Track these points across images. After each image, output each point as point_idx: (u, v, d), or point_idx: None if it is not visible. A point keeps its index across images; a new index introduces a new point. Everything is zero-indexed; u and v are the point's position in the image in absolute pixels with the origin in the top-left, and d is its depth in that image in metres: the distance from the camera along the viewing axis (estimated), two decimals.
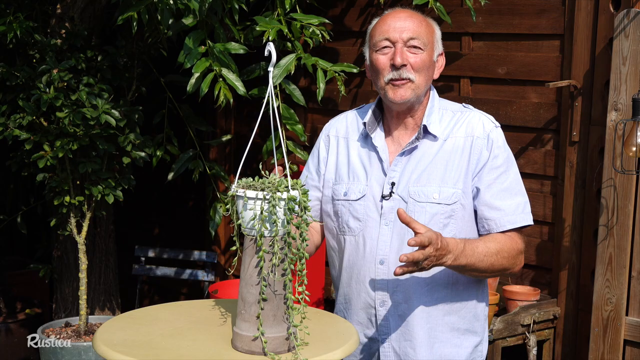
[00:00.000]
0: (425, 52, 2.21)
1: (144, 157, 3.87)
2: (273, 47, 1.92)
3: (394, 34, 2.20)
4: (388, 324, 2.25)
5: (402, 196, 2.22)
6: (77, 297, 4.01)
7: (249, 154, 2.15)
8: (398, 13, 2.25)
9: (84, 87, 3.62)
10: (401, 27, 2.20)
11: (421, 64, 2.20)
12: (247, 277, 1.86)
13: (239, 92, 3.49)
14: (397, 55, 2.18)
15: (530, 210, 2.26)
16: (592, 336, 3.25)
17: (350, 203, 2.28)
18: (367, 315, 2.28)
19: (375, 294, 2.25)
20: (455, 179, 2.20)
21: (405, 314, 2.23)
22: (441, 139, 2.24)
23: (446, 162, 2.22)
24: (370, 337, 2.29)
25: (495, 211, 2.21)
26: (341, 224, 2.31)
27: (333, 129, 2.41)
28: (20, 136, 3.64)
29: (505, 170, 2.23)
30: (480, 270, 2.18)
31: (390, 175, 2.25)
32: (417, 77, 2.20)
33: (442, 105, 2.32)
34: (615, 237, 3.17)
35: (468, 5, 3.47)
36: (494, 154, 2.22)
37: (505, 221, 2.21)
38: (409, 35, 2.19)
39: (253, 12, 3.91)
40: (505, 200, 2.21)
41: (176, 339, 1.92)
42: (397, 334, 2.25)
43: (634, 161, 3.11)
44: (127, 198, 4.03)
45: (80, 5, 3.84)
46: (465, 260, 2.11)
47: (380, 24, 2.25)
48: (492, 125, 2.27)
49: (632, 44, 3.09)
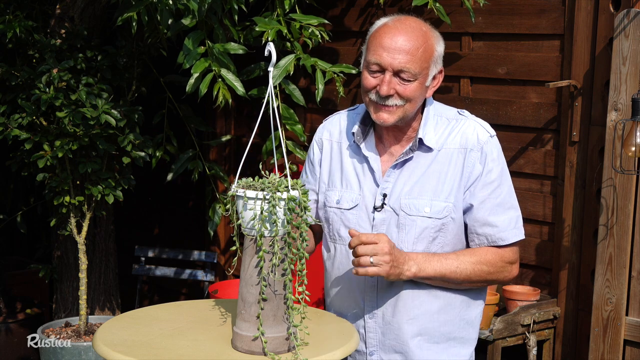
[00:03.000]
0: (416, 82, 2.12)
1: (143, 157, 3.86)
2: (273, 47, 1.92)
3: (386, 60, 2.10)
4: (376, 336, 2.23)
5: (393, 208, 2.19)
6: (77, 297, 4.01)
7: (249, 154, 2.15)
8: (397, 30, 2.12)
9: (84, 87, 3.62)
10: (394, 51, 2.10)
11: (409, 94, 2.12)
12: (247, 277, 1.86)
13: (238, 92, 3.49)
14: (384, 85, 2.11)
15: (522, 224, 2.23)
16: (592, 336, 3.25)
17: (342, 212, 2.25)
18: (356, 326, 2.24)
19: (365, 305, 2.22)
20: (447, 192, 2.17)
21: (394, 326, 2.20)
22: (435, 149, 2.19)
23: (439, 174, 2.18)
24: (358, 350, 2.25)
25: (487, 227, 2.18)
26: (332, 231, 2.28)
27: (327, 133, 2.36)
28: (20, 136, 3.64)
29: (499, 185, 2.18)
30: (458, 281, 2.16)
31: (382, 187, 2.21)
32: (405, 102, 2.13)
33: (437, 111, 2.25)
34: (615, 237, 3.17)
35: (467, 6, 3.47)
36: (487, 168, 2.17)
37: (497, 238, 2.18)
38: (401, 65, 2.09)
39: (252, 13, 3.91)
40: (498, 216, 2.18)
41: (176, 339, 1.92)
42: (385, 346, 2.22)
43: (634, 161, 3.11)
44: (127, 198, 4.02)
45: (80, 5, 3.84)
46: (432, 270, 2.11)
47: (378, 38, 2.14)
48: (487, 135, 2.20)
49: (632, 44, 3.10)
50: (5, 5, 3.72)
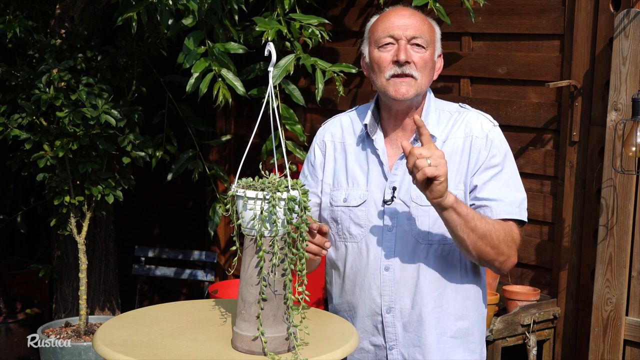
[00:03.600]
0: (428, 51, 2.19)
1: (143, 157, 3.87)
2: (273, 47, 1.92)
3: (397, 31, 2.17)
4: (395, 331, 2.23)
5: (404, 200, 2.19)
6: (77, 297, 4.01)
7: (249, 154, 2.15)
8: (400, 11, 2.23)
9: (84, 87, 3.63)
10: (405, 25, 2.18)
11: (424, 63, 2.18)
12: (247, 277, 1.86)
13: (238, 92, 3.49)
14: (402, 52, 2.16)
15: (526, 208, 2.22)
16: (592, 336, 3.25)
17: (350, 209, 2.25)
18: (373, 322, 2.25)
19: (382, 300, 2.22)
20: (457, 180, 2.19)
21: (413, 319, 2.21)
22: (440, 140, 2.22)
23: (447, 163, 2.17)
24: (377, 345, 2.26)
25: (491, 201, 2.18)
26: (341, 230, 2.28)
27: (328, 134, 2.36)
28: (20, 136, 3.64)
29: (502, 169, 2.20)
30: (479, 233, 2.09)
31: (391, 180, 2.22)
32: (420, 75, 2.18)
33: (438, 106, 2.29)
34: (615, 237, 3.17)
35: (467, 6, 3.47)
36: (492, 153, 2.20)
37: (501, 210, 2.17)
38: (413, 33, 2.17)
39: (252, 13, 3.91)
40: (502, 192, 2.18)
41: (176, 339, 1.92)
42: (405, 340, 2.23)
43: (634, 161, 3.11)
44: (127, 198, 4.03)
45: (80, 5, 3.84)
46: (465, 209, 2.07)
47: (383, 20, 2.22)
48: (491, 124, 2.24)
49: (632, 44, 3.10)
50: (5, 5, 3.72)
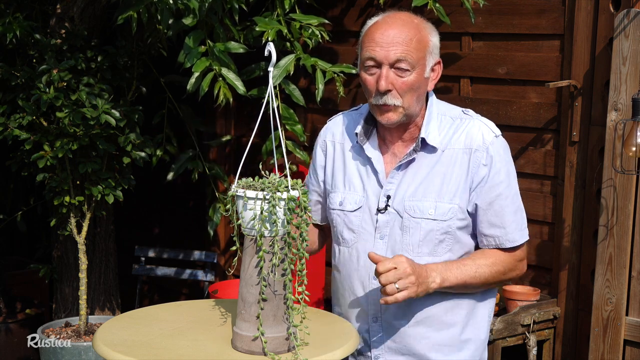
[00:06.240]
0: (414, 73, 2.09)
1: (143, 157, 3.87)
2: (273, 47, 1.92)
3: (380, 54, 2.08)
4: (382, 340, 2.20)
5: (397, 210, 2.16)
6: (77, 297, 4.01)
7: (249, 154, 2.15)
8: (388, 25, 2.11)
9: (84, 87, 3.62)
10: (388, 44, 2.08)
11: (408, 87, 2.09)
12: (247, 277, 1.86)
13: (239, 91, 3.49)
14: (382, 79, 2.08)
15: (526, 224, 2.23)
16: (592, 336, 3.25)
17: (345, 214, 2.23)
18: (360, 329, 2.22)
19: (369, 309, 2.20)
20: (452, 193, 2.14)
21: (401, 329, 2.18)
22: (439, 149, 2.16)
23: (443, 175, 2.15)
24: (364, 353, 2.24)
25: (496, 229, 2.16)
26: (335, 234, 2.27)
27: (329, 134, 2.33)
28: (20, 136, 3.64)
29: (506, 186, 2.16)
30: (476, 286, 2.16)
31: (386, 188, 2.18)
32: (404, 100, 2.10)
33: (440, 110, 2.22)
34: (615, 237, 3.17)
35: (467, 6, 3.47)
36: (495, 169, 2.14)
37: (505, 240, 2.17)
38: (396, 56, 2.07)
39: (253, 13, 3.91)
40: (506, 218, 2.16)
41: (176, 339, 1.92)
42: (392, 350, 2.20)
43: (634, 161, 3.11)
44: (127, 198, 4.03)
45: (80, 5, 3.84)
46: (454, 278, 2.10)
47: (370, 34, 2.12)
48: (492, 135, 2.17)
49: (632, 44, 3.10)
50: (5, 5, 3.72)
